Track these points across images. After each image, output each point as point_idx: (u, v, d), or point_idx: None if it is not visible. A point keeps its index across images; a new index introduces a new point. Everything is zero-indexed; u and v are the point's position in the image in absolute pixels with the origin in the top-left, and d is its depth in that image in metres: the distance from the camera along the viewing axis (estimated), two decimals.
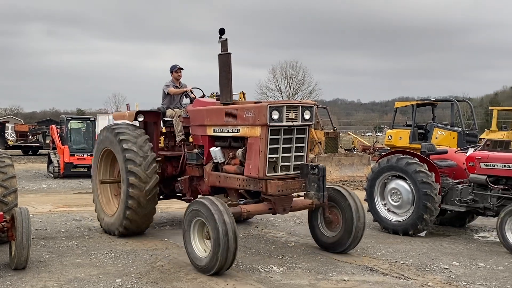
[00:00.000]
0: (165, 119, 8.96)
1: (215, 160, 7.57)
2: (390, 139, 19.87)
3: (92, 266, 6.75)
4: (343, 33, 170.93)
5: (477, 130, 19.47)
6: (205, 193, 7.92)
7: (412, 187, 8.69)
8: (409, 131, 19.16)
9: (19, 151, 33.31)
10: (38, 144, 33.42)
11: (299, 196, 7.28)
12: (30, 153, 33.61)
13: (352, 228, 7.15)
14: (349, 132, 46.10)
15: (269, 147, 6.62)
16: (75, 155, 19.10)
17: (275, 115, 6.54)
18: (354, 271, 6.66)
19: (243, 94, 18.23)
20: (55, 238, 8.37)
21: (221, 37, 7.26)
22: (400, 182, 8.92)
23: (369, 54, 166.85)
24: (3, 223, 6.51)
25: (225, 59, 7.32)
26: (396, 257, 7.42)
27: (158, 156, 8.53)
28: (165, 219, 10.28)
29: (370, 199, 9.31)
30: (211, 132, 7.70)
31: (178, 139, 8.65)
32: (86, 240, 8.30)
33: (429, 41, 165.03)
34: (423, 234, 8.90)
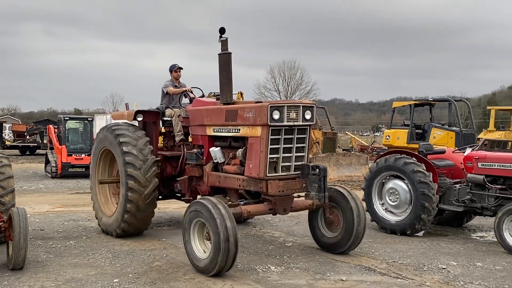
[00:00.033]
0: (165, 118, 8.91)
1: (215, 160, 7.53)
2: (388, 139, 19.87)
3: (90, 266, 6.74)
4: (341, 33, 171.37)
5: (475, 130, 19.45)
6: (205, 193, 7.89)
7: (410, 187, 8.69)
8: (407, 131, 19.18)
9: (16, 151, 33.27)
10: (36, 144, 33.40)
11: (300, 196, 7.24)
12: (28, 153, 33.58)
13: (353, 230, 7.13)
14: (347, 132, 46.15)
15: (269, 147, 6.58)
16: (73, 155, 19.11)
17: (276, 115, 6.49)
18: (352, 271, 6.65)
19: (241, 94, 18.23)
20: (52, 238, 8.36)
21: (221, 37, 7.21)
22: (398, 182, 8.92)
23: (367, 54, 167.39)
24: (0, 223, 6.50)
25: (225, 59, 7.28)
26: (394, 257, 7.42)
27: (157, 156, 8.50)
28: (163, 219, 10.26)
29: (368, 199, 9.31)
30: (211, 132, 7.66)
31: (177, 139, 8.60)
32: (83, 240, 8.29)
33: (427, 41, 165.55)
34: (421, 234, 8.91)
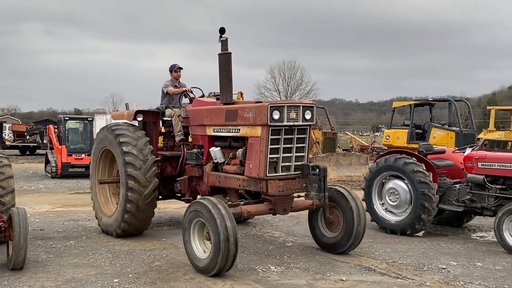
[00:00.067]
0: (165, 118, 8.89)
1: (215, 160, 7.52)
2: (388, 139, 19.87)
3: (90, 266, 6.74)
4: (341, 33, 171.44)
5: (474, 130, 19.46)
6: (205, 193, 7.89)
7: (410, 187, 8.69)
8: (407, 131, 19.17)
9: (16, 151, 33.28)
10: (36, 144, 33.41)
11: (300, 196, 7.23)
12: (28, 153, 33.59)
13: (353, 230, 7.13)
14: (347, 132, 46.16)
15: (269, 147, 6.57)
16: (73, 155, 19.11)
17: (276, 115, 6.48)
18: (352, 271, 6.65)
19: (241, 94, 18.23)
20: (52, 238, 8.36)
21: (221, 36, 7.19)
22: (398, 182, 8.92)
23: (367, 54, 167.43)
24: (0, 223, 6.50)
25: (225, 59, 7.26)
26: (394, 257, 7.42)
27: (157, 156, 8.48)
28: (163, 219, 10.26)
29: (368, 199, 9.31)
30: (211, 132, 7.65)
31: (177, 139, 8.58)
32: (83, 240, 8.29)
33: (427, 41, 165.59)
34: (421, 234, 8.91)
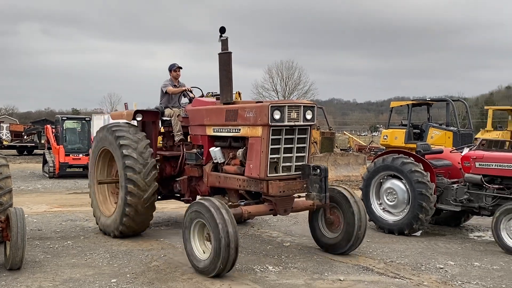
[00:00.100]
0: (164, 118, 8.83)
1: (215, 160, 7.47)
2: (385, 138, 19.88)
3: (88, 266, 6.73)
4: (339, 33, 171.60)
5: (472, 129, 19.49)
6: (204, 193, 7.85)
7: (407, 187, 8.70)
8: (404, 130, 19.19)
9: (14, 151, 33.25)
10: (33, 144, 33.37)
11: (300, 196, 7.18)
12: (25, 153, 33.56)
13: (353, 234, 7.09)
14: (344, 132, 46.16)
15: (270, 147, 6.52)
16: (70, 155, 19.09)
17: (277, 115, 6.42)
18: (349, 270, 6.66)
19: (239, 94, 18.22)
20: (50, 238, 8.35)
21: (221, 36, 7.14)
22: (396, 182, 8.93)
23: (365, 54, 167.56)
24: None
25: (226, 58, 7.20)
26: (392, 256, 7.43)
27: (157, 156, 8.44)
28: (160, 219, 10.25)
29: (365, 198, 9.31)
30: (210, 132, 7.59)
31: (176, 139, 8.52)
32: (81, 240, 8.28)
33: (424, 42, 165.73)
34: (418, 233, 8.92)
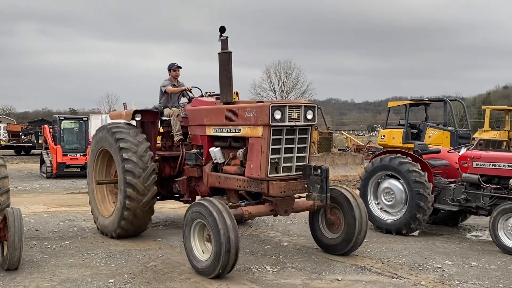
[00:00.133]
0: (163, 118, 8.77)
1: (215, 161, 7.42)
2: (383, 138, 19.88)
3: (85, 266, 6.73)
4: (337, 33, 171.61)
5: (469, 129, 19.51)
6: (204, 194, 7.80)
7: (405, 187, 8.71)
8: (402, 130, 19.18)
9: (11, 151, 33.13)
10: (31, 144, 33.25)
11: (300, 197, 7.14)
12: (23, 153, 33.44)
13: (353, 237, 7.07)
14: (342, 132, 46.25)
15: (271, 147, 6.47)
16: (68, 155, 19.02)
17: (278, 115, 6.38)
18: (347, 270, 6.67)
19: (237, 93, 18.19)
20: (47, 239, 8.33)
21: (221, 35, 7.09)
22: (393, 182, 8.94)
23: (362, 54, 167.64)
24: None
25: (226, 58, 7.15)
26: (389, 256, 7.44)
27: (156, 156, 8.39)
28: (158, 219, 10.24)
29: (363, 198, 9.26)
30: (210, 132, 7.53)
31: (176, 139, 8.45)
32: (79, 240, 8.27)
33: (422, 41, 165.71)
34: (416, 233, 8.94)
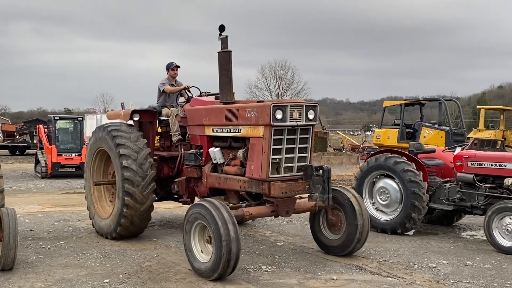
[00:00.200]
0: (161, 118, 8.70)
1: (214, 161, 7.34)
2: (378, 138, 19.92)
3: (80, 266, 6.71)
4: (333, 33, 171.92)
5: (464, 129, 19.57)
6: (203, 194, 7.74)
7: (400, 186, 8.73)
8: (397, 130, 19.22)
9: (6, 151, 33.05)
10: (25, 144, 33.15)
11: (301, 197, 7.07)
12: (17, 153, 33.34)
13: (352, 243, 7.05)
14: (338, 132, 46.29)
15: (272, 147, 6.40)
16: (63, 155, 18.99)
17: (279, 115, 6.32)
18: (342, 270, 6.67)
19: (233, 93, 18.19)
20: (42, 239, 8.30)
21: (221, 34, 7.02)
22: (389, 181, 8.96)
23: (358, 54, 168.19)
24: None
25: (226, 57, 7.09)
26: (384, 255, 7.45)
27: (154, 156, 8.32)
28: (153, 219, 10.16)
29: None
30: (210, 132, 7.46)
31: (174, 139, 8.39)
32: (73, 240, 8.25)
33: (417, 41, 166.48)
34: (411, 232, 8.96)
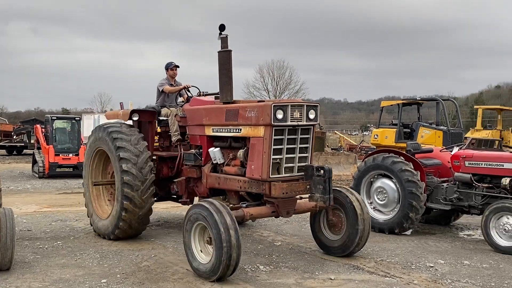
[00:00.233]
0: (160, 118, 8.66)
1: (214, 161, 7.31)
2: (376, 138, 19.93)
3: (78, 266, 6.70)
4: (330, 33, 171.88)
5: (462, 129, 19.60)
6: (203, 195, 7.71)
7: (397, 186, 8.73)
8: (395, 130, 19.24)
9: (3, 151, 32.99)
10: (23, 144, 33.07)
11: (302, 197, 7.04)
12: (15, 153, 33.27)
13: (351, 246, 7.03)
14: (335, 131, 46.37)
15: (272, 147, 6.36)
16: (60, 155, 18.96)
17: (280, 115, 6.28)
18: (340, 269, 6.67)
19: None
20: (39, 239, 8.29)
21: (221, 34, 6.98)
22: (386, 181, 8.96)
23: (355, 54, 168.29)
24: None
25: (226, 56, 7.05)
26: (382, 255, 7.45)
27: (153, 156, 8.29)
28: (151, 219, 10.15)
29: None
30: (210, 132, 7.41)
31: (174, 139, 8.35)
32: (71, 240, 8.24)
33: (415, 41, 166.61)
34: (408, 232, 8.96)
